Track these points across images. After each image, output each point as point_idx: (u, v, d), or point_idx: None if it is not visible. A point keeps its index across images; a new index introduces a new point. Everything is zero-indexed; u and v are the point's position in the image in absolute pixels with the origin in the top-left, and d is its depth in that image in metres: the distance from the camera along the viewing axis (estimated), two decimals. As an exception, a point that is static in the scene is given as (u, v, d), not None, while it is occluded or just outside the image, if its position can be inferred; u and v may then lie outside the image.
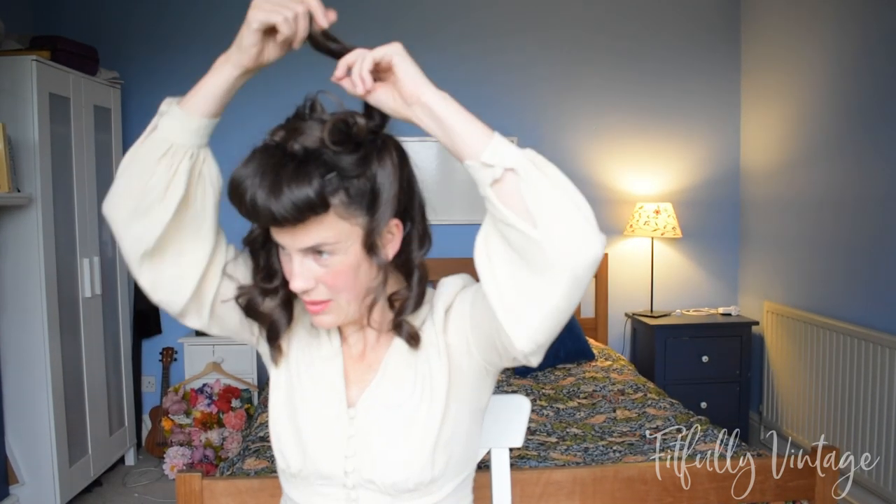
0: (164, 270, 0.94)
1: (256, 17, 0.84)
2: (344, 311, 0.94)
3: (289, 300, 0.99)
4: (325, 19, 0.86)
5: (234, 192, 0.85)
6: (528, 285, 0.80)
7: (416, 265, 0.96)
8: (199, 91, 0.90)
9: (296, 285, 0.90)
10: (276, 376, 1.04)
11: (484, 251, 0.84)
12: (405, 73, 0.84)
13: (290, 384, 1.02)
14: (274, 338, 1.00)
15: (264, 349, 1.06)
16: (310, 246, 0.88)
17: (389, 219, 0.90)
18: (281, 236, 0.89)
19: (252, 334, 1.06)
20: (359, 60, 0.85)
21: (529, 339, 0.83)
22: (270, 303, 0.98)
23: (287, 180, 0.82)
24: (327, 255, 0.89)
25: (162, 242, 0.91)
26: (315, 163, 0.84)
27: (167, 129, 0.89)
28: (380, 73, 0.86)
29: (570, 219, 0.78)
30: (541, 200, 0.78)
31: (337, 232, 0.88)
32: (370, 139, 0.89)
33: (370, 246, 0.90)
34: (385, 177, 0.89)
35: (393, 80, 0.86)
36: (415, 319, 0.99)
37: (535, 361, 0.87)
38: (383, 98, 0.87)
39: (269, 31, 0.86)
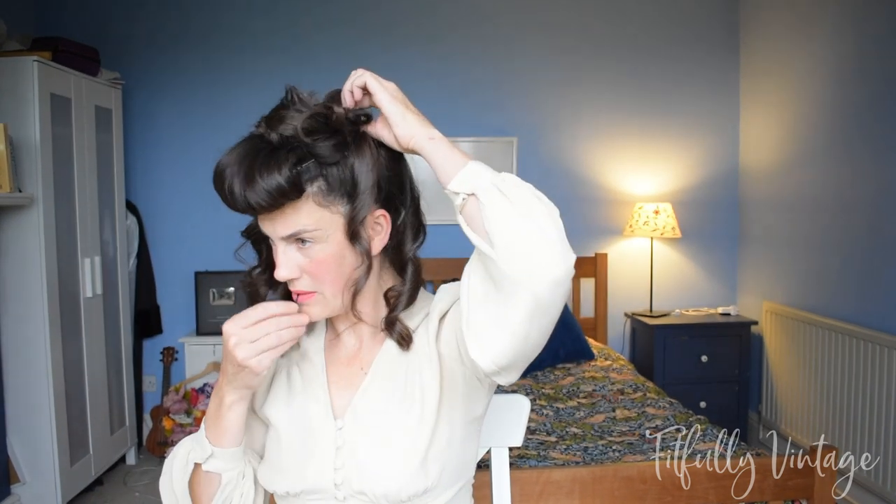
0: None
1: (263, 364, 0.89)
2: (329, 304, 0.95)
3: (289, 293, 0.99)
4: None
5: (217, 181, 0.88)
6: (494, 305, 0.82)
7: (409, 258, 0.97)
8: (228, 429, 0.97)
9: (279, 273, 0.92)
10: (253, 405, 1.04)
11: (467, 270, 0.87)
12: (393, 120, 0.89)
13: (275, 411, 1.02)
14: None
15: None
16: (290, 233, 0.90)
17: (371, 208, 0.92)
18: (264, 224, 0.92)
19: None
20: (350, 78, 0.91)
21: (491, 361, 0.83)
22: (274, 295, 1.01)
23: (259, 168, 0.85)
24: (310, 244, 0.91)
25: None
26: (288, 150, 0.86)
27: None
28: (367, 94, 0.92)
29: (529, 239, 0.78)
30: (496, 222, 0.80)
31: (316, 219, 0.90)
32: (349, 129, 0.91)
33: (352, 234, 0.91)
34: (363, 165, 0.91)
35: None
36: (409, 321, 0.99)
37: (503, 381, 0.88)
38: (383, 135, 0.92)
39: None
